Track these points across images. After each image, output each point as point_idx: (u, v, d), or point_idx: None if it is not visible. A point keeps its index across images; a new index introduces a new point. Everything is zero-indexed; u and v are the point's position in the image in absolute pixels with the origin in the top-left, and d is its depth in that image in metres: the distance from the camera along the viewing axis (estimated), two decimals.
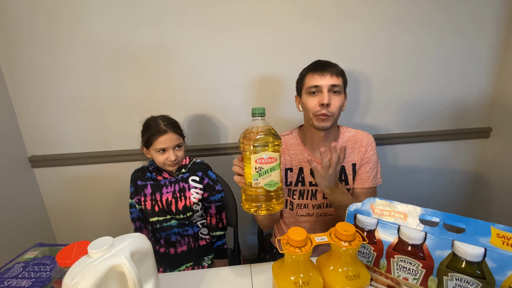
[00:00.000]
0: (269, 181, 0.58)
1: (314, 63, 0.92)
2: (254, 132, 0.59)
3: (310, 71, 0.89)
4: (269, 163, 0.58)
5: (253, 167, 0.58)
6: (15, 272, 0.64)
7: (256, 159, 0.57)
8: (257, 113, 0.60)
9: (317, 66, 0.89)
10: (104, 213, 1.49)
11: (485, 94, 1.46)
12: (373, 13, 1.28)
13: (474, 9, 1.32)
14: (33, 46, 1.21)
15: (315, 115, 0.87)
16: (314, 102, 0.87)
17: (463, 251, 0.50)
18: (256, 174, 0.58)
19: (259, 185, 0.58)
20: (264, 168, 0.57)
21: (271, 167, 0.58)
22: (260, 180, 0.58)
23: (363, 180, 0.93)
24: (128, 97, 1.31)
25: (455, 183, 1.61)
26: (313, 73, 0.87)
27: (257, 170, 0.57)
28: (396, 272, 0.59)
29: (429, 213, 0.57)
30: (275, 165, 0.58)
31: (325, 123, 0.86)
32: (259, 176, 0.58)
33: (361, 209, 0.64)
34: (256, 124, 0.61)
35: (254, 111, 0.60)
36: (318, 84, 0.85)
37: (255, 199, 0.61)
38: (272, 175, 0.58)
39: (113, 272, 0.45)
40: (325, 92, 0.84)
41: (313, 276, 0.52)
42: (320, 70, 0.86)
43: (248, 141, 0.59)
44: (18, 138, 1.32)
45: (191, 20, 1.23)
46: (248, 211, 0.62)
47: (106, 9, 1.19)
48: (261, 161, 0.57)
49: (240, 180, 0.65)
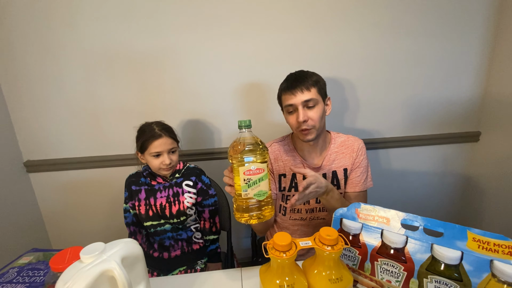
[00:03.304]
0: (258, 191, 0.60)
1: (285, 80, 0.93)
2: (241, 145, 0.61)
3: (283, 91, 0.91)
4: (257, 174, 0.60)
5: (241, 178, 0.59)
6: (10, 277, 0.66)
7: (244, 171, 0.59)
8: (243, 125, 0.62)
9: (287, 84, 0.89)
10: (98, 218, 1.50)
11: (474, 99, 1.49)
12: (363, 21, 1.31)
13: (461, 16, 1.35)
14: (28, 52, 1.23)
15: (298, 130, 0.90)
16: (293, 120, 0.89)
17: (442, 255, 0.52)
18: (245, 185, 0.60)
19: (248, 196, 0.60)
20: (252, 179, 0.59)
21: (259, 177, 0.60)
22: (249, 191, 0.60)
23: (354, 184, 0.96)
24: (123, 102, 1.33)
25: (445, 186, 1.64)
26: (285, 93, 0.89)
27: (245, 181, 0.59)
28: (380, 275, 0.61)
29: (410, 217, 0.59)
30: (263, 175, 0.60)
31: (309, 136, 0.89)
32: (248, 187, 0.60)
33: (347, 214, 0.66)
34: (242, 136, 0.63)
35: (241, 123, 0.62)
36: (291, 103, 0.87)
37: (246, 209, 0.63)
38: (260, 185, 0.60)
39: (104, 277, 0.47)
40: (300, 109, 0.86)
41: (298, 279, 0.54)
42: (290, 89, 0.87)
43: (236, 154, 0.60)
44: (13, 143, 1.33)
45: (186, 28, 1.25)
46: (240, 221, 0.64)
47: (102, 16, 1.21)
48: (249, 173, 0.59)
49: (231, 190, 0.66)
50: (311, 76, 0.89)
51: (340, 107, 1.43)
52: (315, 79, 0.89)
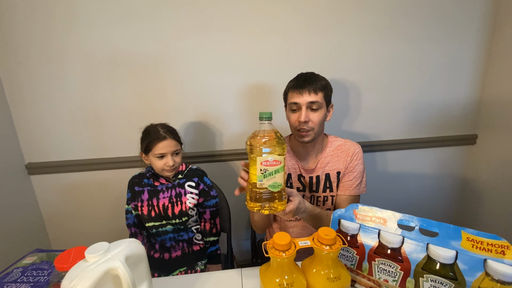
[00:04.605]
0: (273, 182, 0.62)
1: (295, 78, 0.95)
2: (261, 135, 0.63)
3: (291, 88, 0.93)
4: (274, 165, 0.61)
5: (258, 168, 0.61)
6: (14, 276, 0.67)
7: (262, 161, 0.60)
8: (264, 117, 0.64)
9: (297, 83, 0.91)
10: (99, 219, 1.50)
11: (471, 102, 1.52)
12: (362, 25, 1.34)
13: (458, 21, 1.38)
14: (31, 55, 1.25)
15: (296, 129, 0.92)
16: (295, 118, 0.91)
17: (437, 254, 0.54)
18: (261, 175, 0.61)
19: (263, 186, 0.62)
20: (269, 170, 0.61)
21: (275, 169, 0.61)
22: (264, 181, 0.61)
23: (346, 188, 0.97)
24: (124, 105, 1.35)
25: (443, 189, 1.65)
26: (293, 91, 0.91)
27: (262, 171, 0.61)
28: (377, 274, 0.62)
29: (406, 218, 0.61)
30: (280, 168, 0.62)
31: (305, 138, 0.91)
32: (263, 178, 0.61)
33: (345, 215, 0.67)
34: (263, 127, 0.64)
35: (262, 115, 0.64)
36: (296, 101, 0.89)
37: (259, 199, 0.64)
38: (276, 177, 0.62)
39: (109, 275, 0.48)
40: (304, 109, 0.88)
41: (297, 278, 0.56)
42: (298, 88, 0.89)
43: (255, 143, 0.62)
44: (15, 146, 1.34)
45: (188, 31, 1.27)
46: (252, 210, 0.65)
47: (104, 19, 1.23)
48: (266, 163, 0.60)
49: (243, 183, 0.68)
50: (321, 80, 0.91)
51: (339, 110, 1.45)
52: (324, 84, 0.91)
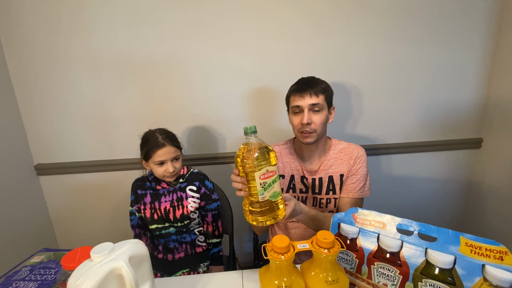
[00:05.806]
0: (272, 192, 0.63)
1: (296, 83, 0.98)
2: (253, 151, 0.63)
3: (293, 92, 0.95)
4: (270, 176, 0.63)
5: (258, 183, 0.62)
6: (23, 275, 0.69)
7: (260, 175, 0.62)
8: (249, 131, 0.64)
9: (298, 86, 0.94)
10: (105, 220, 1.53)
11: (476, 105, 1.51)
12: (366, 28, 1.35)
13: (462, 23, 1.37)
14: (40, 59, 1.29)
15: (299, 131, 0.94)
16: (297, 121, 0.93)
17: (435, 259, 0.54)
18: (261, 189, 0.62)
19: (265, 199, 0.63)
20: (267, 182, 0.62)
21: (272, 179, 0.63)
22: (265, 194, 0.63)
23: (349, 190, 0.98)
24: (130, 107, 1.38)
25: (448, 193, 1.64)
26: (294, 94, 0.94)
27: (262, 185, 0.62)
28: (376, 278, 0.62)
29: (405, 222, 0.61)
30: (276, 177, 0.64)
31: (308, 139, 0.93)
32: (264, 191, 0.63)
33: (344, 219, 0.68)
34: (250, 141, 0.65)
35: (247, 130, 0.64)
36: (298, 104, 0.92)
37: (261, 213, 0.65)
38: (274, 186, 0.64)
39: (113, 275, 0.50)
40: (306, 111, 0.90)
41: (296, 280, 0.57)
42: (300, 92, 0.92)
43: (248, 160, 0.62)
44: (25, 147, 1.38)
45: (193, 35, 1.30)
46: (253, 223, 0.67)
47: (111, 24, 1.27)
48: (264, 176, 0.62)
49: (244, 194, 0.68)
50: (321, 83, 0.94)
51: (343, 113, 1.46)
52: (325, 87, 0.94)
